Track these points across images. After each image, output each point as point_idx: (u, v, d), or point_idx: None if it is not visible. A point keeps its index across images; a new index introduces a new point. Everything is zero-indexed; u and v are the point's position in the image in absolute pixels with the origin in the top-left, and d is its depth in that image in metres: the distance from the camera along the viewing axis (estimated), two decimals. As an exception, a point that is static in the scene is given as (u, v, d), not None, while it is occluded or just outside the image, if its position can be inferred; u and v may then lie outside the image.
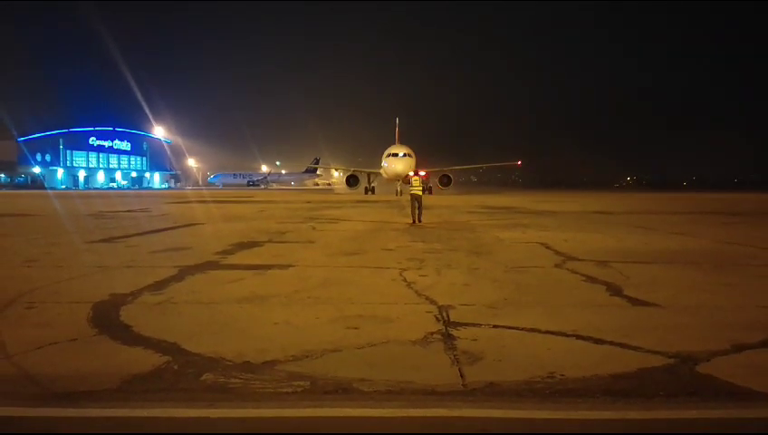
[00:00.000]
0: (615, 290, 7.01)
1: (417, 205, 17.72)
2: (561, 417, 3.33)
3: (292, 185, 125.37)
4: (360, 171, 65.52)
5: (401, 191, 48.39)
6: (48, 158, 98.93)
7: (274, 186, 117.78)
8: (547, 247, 11.39)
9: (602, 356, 4.44)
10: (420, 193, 18.13)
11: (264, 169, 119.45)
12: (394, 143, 61.19)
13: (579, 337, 4.90)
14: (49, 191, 64.02)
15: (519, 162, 75.91)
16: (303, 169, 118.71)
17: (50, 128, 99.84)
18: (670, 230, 16.30)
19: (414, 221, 17.40)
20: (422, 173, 20.97)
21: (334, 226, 17.62)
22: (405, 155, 55.92)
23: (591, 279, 7.79)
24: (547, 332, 5.09)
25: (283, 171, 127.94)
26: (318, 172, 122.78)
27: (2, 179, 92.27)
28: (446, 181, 59.35)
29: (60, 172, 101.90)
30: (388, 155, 57.08)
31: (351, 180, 63.79)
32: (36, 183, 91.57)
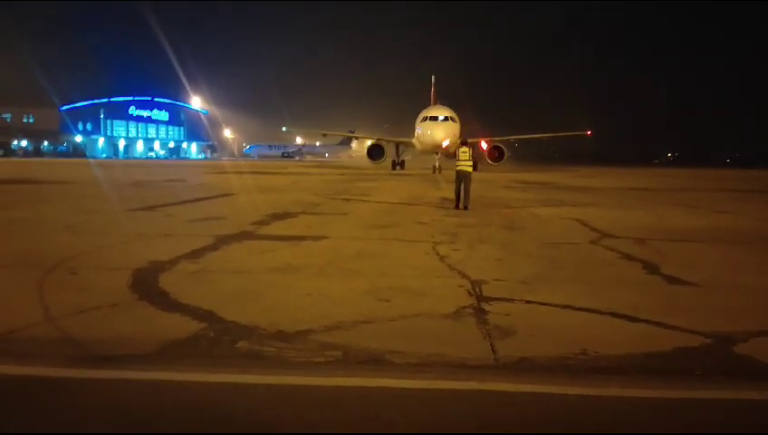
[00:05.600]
0: (652, 268, 6.88)
1: (463, 185, 14.02)
2: (594, 394, 3.31)
3: (326, 157, 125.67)
4: (387, 140, 52.03)
5: (440, 168, 38.77)
6: (89, 127, 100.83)
7: (308, 157, 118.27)
8: (583, 224, 11.22)
9: (637, 334, 4.38)
10: (470, 170, 14.39)
11: (299, 140, 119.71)
12: (430, 105, 48.27)
13: (613, 315, 4.84)
14: (90, 160, 65.58)
15: (589, 132, 59.22)
16: (338, 141, 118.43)
17: (91, 97, 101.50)
18: (712, 208, 15.88)
19: (457, 205, 14.00)
20: (483, 145, 16.10)
21: (367, 198, 17.65)
22: (447, 118, 42.71)
23: (628, 257, 7.65)
24: (581, 308, 5.04)
25: (318, 143, 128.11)
26: (352, 144, 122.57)
27: (45, 147, 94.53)
28: (496, 155, 46.90)
29: (101, 141, 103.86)
30: (425, 119, 43.81)
31: (375, 152, 50.50)
32: (78, 151, 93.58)
